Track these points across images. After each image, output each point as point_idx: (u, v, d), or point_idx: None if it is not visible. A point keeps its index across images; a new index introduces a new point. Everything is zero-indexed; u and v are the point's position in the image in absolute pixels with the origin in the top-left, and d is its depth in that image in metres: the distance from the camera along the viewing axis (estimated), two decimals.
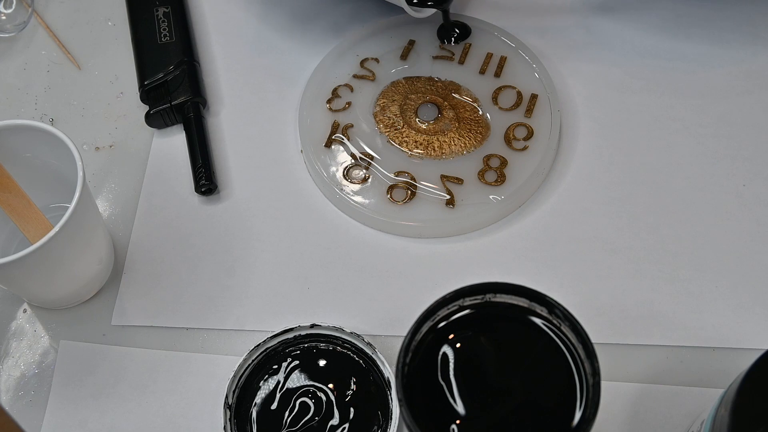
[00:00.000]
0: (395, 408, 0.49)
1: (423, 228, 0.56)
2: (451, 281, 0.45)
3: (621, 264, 0.54)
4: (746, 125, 0.58)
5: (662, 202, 0.56)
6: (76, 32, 0.67)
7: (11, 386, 0.53)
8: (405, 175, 0.57)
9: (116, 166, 0.61)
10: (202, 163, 0.58)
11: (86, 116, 0.63)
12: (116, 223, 0.58)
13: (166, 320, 0.55)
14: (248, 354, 0.51)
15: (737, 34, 0.62)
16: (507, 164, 0.57)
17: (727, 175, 0.57)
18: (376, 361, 0.51)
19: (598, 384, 0.39)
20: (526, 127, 0.58)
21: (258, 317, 0.54)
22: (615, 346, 0.51)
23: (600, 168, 0.58)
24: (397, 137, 0.59)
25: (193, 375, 0.53)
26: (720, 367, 0.50)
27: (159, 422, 0.51)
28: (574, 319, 0.40)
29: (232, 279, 0.56)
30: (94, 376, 0.53)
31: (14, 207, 0.52)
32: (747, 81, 0.60)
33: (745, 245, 0.54)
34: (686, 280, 0.53)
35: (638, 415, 0.49)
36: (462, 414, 0.40)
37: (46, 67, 0.66)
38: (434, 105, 0.60)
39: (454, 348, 0.42)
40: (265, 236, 0.57)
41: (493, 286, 0.42)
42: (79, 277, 0.53)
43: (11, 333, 0.55)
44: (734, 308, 0.52)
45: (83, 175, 0.49)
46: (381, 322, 0.53)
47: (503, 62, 0.61)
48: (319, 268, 0.56)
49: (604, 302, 0.53)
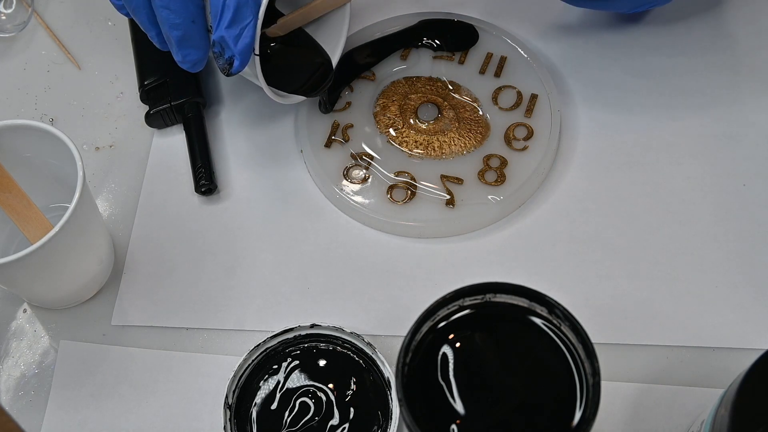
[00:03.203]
0: (395, 408, 0.49)
1: (423, 228, 0.56)
2: (451, 281, 0.45)
3: (621, 264, 0.54)
4: (747, 125, 0.58)
5: (662, 202, 0.56)
6: (76, 32, 0.67)
7: (11, 386, 0.53)
8: (405, 175, 0.57)
9: (116, 166, 0.61)
10: (202, 163, 0.58)
11: (86, 116, 0.63)
12: (116, 223, 0.58)
13: (166, 320, 0.55)
14: (248, 354, 0.51)
15: (741, 29, 0.62)
16: (507, 164, 0.57)
17: (728, 174, 0.57)
18: (376, 361, 0.51)
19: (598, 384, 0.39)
20: (526, 127, 0.58)
21: (258, 317, 0.54)
22: (615, 346, 0.51)
23: (600, 168, 0.58)
24: (397, 137, 0.59)
25: (193, 375, 0.53)
26: (720, 367, 0.50)
27: (159, 422, 0.51)
28: (574, 319, 0.40)
29: (232, 279, 0.56)
30: (94, 376, 0.53)
31: (14, 207, 0.52)
32: (748, 79, 0.60)
33: (745, 245, 0.54)
34: (686, 280, 0.53)
35: (638, 415, 0.49)
36: (462, 414, 0.40)
37: (46, 67, 0.66)
38: (434, 105, 0.60)
39: (454, 348, 0.42)
40: (265, 236, 0.57)
41: (493, 286, 0.42)
42: (79, 277, 0.53)
43: (11, 333, 0.55)
44: (734, 308, 0.52)
45: (83, 175, 0.49)
46: (381, 322, 0.53)
47: (503, 62, 0.61)
48: (319, 268, 0.56)
49: (604, 302, 0.53)
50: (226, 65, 0.51)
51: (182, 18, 0.51)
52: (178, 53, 0.52)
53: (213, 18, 0.50)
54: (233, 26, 0.50)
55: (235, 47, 0.50)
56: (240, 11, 0.49)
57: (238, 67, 0.51)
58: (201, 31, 0.52)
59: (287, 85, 0.57)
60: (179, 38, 0.51)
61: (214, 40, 0.50)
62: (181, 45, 0.52)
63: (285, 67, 0.57)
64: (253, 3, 0.50)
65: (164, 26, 0.52)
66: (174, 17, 0.51)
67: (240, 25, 0.50)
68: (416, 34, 0.63)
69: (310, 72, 0.58)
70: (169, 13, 0.50)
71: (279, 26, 0.57)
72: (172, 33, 0.51)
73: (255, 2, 0.50)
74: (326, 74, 0.58)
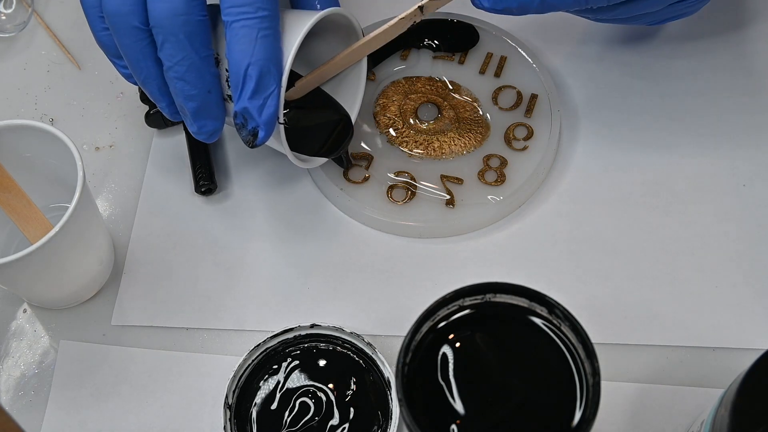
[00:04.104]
0: (395, 408, 0.49)
1: (423, 228, 0.56)
2: (451, 281, 0.45)
3: (621, 264, 0.54)
4: (747, 125, 0.58)
5: (662, 202, 0.56)
6: (76, 32, 0.67)
7: (11, 386, 0.53)
8: (405, 175, 0.57)
9: (116, 166, 0.61)
10: (202, 163, 0.58)
11: (86, 116, 0.63)
12: (116, 223, 0.58)
13: (166, 320, 0.55)
14: (248, 354, 0.51)
15: (738, 31, 0.62)
16: (507, 164, 0.57)
17: (728, 175, 0.57)
18: (376, 361, 0.51)
19: (598, 384, 0.39)
20: (526, 127, 0.58)
21: (258, 317, 0.54)
22: (615, 346, 0.51)
23: (600, 168, 0.58)
24: (397, 137, 0.59)
25: (193, 375, 0.53)
26: (720, 367, 0.50)
27: (159, 422, 0.51)
28: (574, 319, 0.40)
29: (232, 279, 0.56)
30: (94, 376, 0.53)
31: (14, 207, 0.52)
32: (748, 80, 0.60)
33: (745, 245, 0.54)
34: (686, 280, 0.53)
35: (638, 415, 0.49)
36: (462, 414, 0.40)
37: (46, 67, 0.66)
38: (434, 105, 0.60)
39: (454, 348, 0.42)
40: (265, 236, 0.57)
41: (493, 286, 0.42)
42: (79, 277, 0.53)
43: (11, 333, 0.55)
44: (734, 308, 0.52)
45: (83, 175, 0.49)
46: (381, 322, 0.53)
47: (503, 62, 0.61)
48: (319, 268, 0.56)
49: (604, 302, 0.53)
50: (250, 137, 0.48)
51: (198, 89, 0.48)
52: (194, 124, 0.50)
53: (234, 88, 0.47)
54: (256, 96, 0.47)
55: (260, 118, 0.48)
56: (262, 80, 0.47)
57: (264, 138, 0.48)
58: (217, 101, 0.49)
59: (307, 147, 0.54)
60: (195, 109, 0.49)
61: (236, 112, 0.48)
62: (197, 116, 0.49)
63: (303, 129, 0.54)
64: (276, 70, 0.47)
65: (178, 97, 0.49)
66: (189, 88, 0.48)
67: (263, 95, 0.47)
68: (416, 35, 0.62)
69: (329, 130, 0.56)
70: (185, 84, 0.48)
71: (296, 89, 0.54)
72: (187, 104, 0.49)
73: (277, 70, 0.47)
74: (346, 131, 0.56)
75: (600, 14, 0.53)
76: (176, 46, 0.47)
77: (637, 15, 0.53)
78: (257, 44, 0.47)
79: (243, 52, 0.47)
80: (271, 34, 0.47)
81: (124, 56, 0.50)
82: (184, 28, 0.47)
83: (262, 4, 0.46)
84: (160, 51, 0.48)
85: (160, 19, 0.47)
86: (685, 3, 0.53)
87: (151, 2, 0.47)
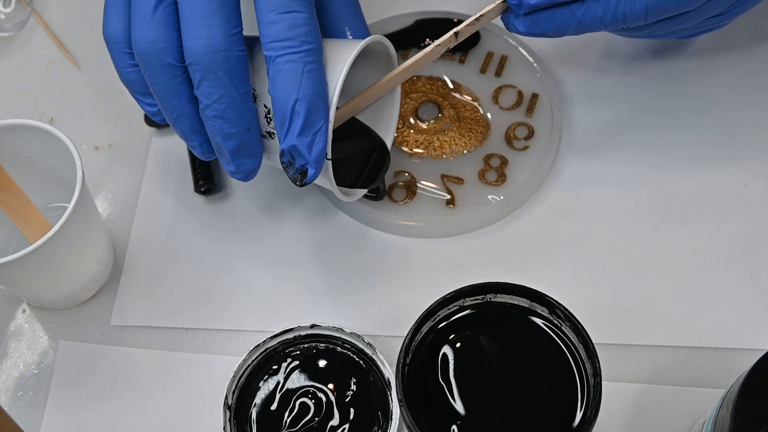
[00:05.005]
0: (395, 408, 0.49)
1: (423, 228, 0.56)
2: (451, 281, 0.45)
3: (622, 264, 0.54)
4: (748, 125, 0.58)
5: (663, 202, 0.56)
6: (75, 31, 0.67)
7: (10, 386, 0.53)
8: (405, 175, 0.57)
9: (115, 165, 0.61)
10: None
11: (85, 116, 0.63)
12: (116, 223, 0.58)
13: (165, 320, 0.54)
14: (248, 354, 0.51)
15: (740, 32, 0.62)
16: (507, 164, 0.57)
17: (729, 175, 0.57)
18: (376, 362, 0.50)
19: (599, 384, 0.39)
20: (527, 126, 0.58)
21: (258, 317, 0.54)
22: (616, 346, 0.51)
23: (600, 168, 0.58)
24: (397, 137, 0.59)
25: (193, 375, 0.52)
26: (721, 368, 0.50)
27: (159, 422, 0.51)
28: (575, 319, 0.40)
29: (232, 279, 0.56)
30: (94, 376, 0.53)
31: (13, 207, 0.52)
32: (749, 79, 0.60)
33: (746, 245, 0.54)
34: (687, 280, 0.53)
35: (639, 416, 0.49)
36: (462, 414, 0.40)
37: (45, 66, 0.66)
38: (434, 104, 0.60)
39: (455, 348, 0.42)
40: (264, 236, 0.57)
41: (493, 286, 0.42)
42: (78, 277, 0.53)
43: (10, 333, 0.55)
44: (736, 308, 0.52)
45: (82, 174, 0.49)
46: (381, 322, 0.53)
47: (504, 61, 0.61)
48: (319, 268, 0.56)
49: (605, 302, 0.53)
50: (298, 175, 0.46)
51: (238, 127, 0.46)
52: (231, 163, 0.47)
53: (279, 125, 0.45)
54: (305, 133, 0.45)
55: (309, 155, 0.45)
56: (311, 116, 0.44)
57: (313, 176, 0.46)
58: (256, 138, 0.47)
59: (345, 178, 0.52)
60: (234, 148, 0.46)
61: (282, 150, 0.45)
62: (236, 155, 0.47)
63: (339, 160, 0.51)
64: (323, 105, 0.45)
65: (216, 136, 0.46)
66: (229, 127, 0.45)
67: (312, 131, 0.45)
68: (417, 34, 0.62)
69: (365, 158, 0.54)
70: (224, 122, 0.45)
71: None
72: (225, 144, 0.46)
73: (325, 104, 0.45)
74: (382, 158, 0.54)
75: (635, 32, 0.52)
76: (215, 83, 0.44)
77: (671, 31, 0.52)
78: (303, 79, 0.44)
79: (289, 88, 0.44)
80: (316, 68, 0.44)
81: (155, 94, 0.47)
82: (224, 64, 0.44)
83: (306, 37, 0.44)
84: (197, 89, 0.45)
85: (197, 56, 0.44)
86: (721, 17, 0.52)
87: (188, 38, 0.44)
